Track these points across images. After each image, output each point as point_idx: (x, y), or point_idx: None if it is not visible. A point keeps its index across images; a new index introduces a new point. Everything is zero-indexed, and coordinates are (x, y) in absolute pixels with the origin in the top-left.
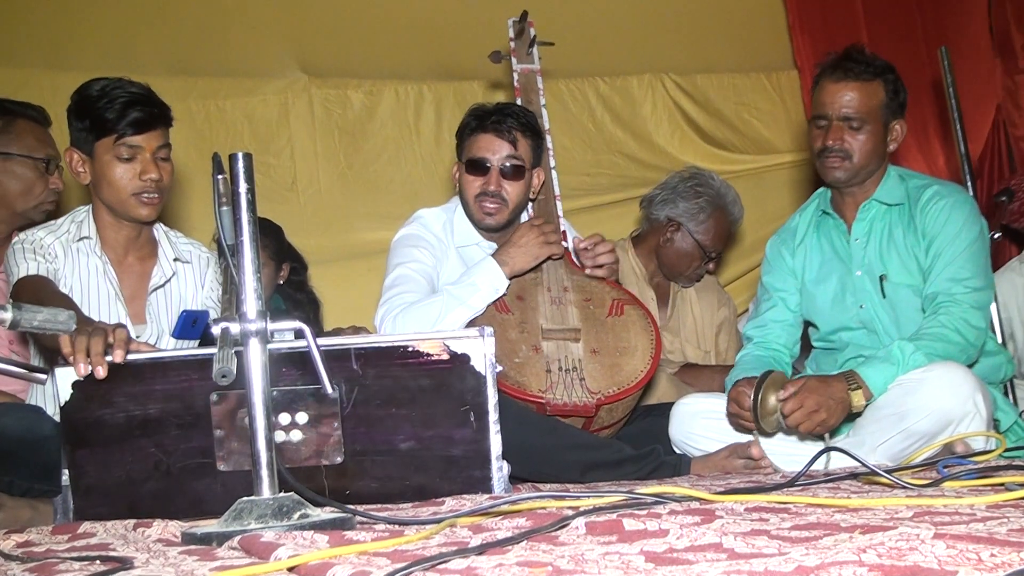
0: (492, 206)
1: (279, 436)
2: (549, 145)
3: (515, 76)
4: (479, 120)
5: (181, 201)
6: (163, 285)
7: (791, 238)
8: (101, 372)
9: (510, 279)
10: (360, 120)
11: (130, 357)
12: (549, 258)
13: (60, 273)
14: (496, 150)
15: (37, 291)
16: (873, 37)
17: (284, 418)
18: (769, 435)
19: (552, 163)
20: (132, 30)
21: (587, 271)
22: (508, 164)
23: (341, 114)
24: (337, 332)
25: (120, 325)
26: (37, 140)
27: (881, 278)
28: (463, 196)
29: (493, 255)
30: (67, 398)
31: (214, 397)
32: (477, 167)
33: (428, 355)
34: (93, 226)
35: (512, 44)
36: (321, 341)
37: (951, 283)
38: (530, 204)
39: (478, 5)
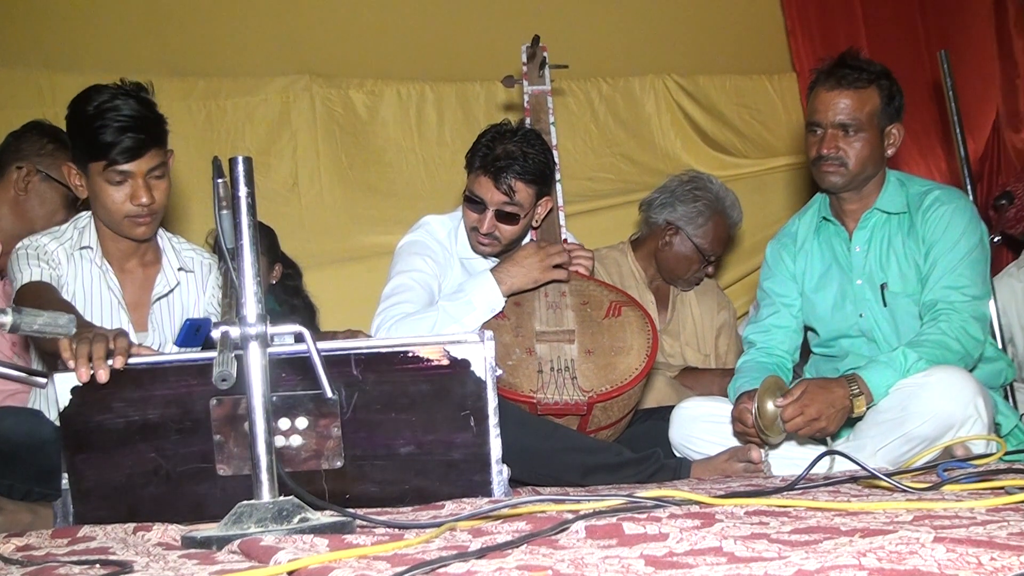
0: (485, 241)
1: (279, 441)
2: (556, 160)
3: (526, 98)
4: (482, 160)
5: (181, 203)
6: (167, 295)
7: (792, 243)
8: (103, 376)
9: (507, 297)
10: (362, 120)
11: (130, 361)
12: (551, 282)
13: (63, 279)
14: (492, 195)
15: (39, 297)
16: (873, 40)
17: (284, 423)
18: (776, 446)
19: (557, 176)
20: (133, 30)
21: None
22: (503, 210)
23: (343, 114)
24: (332, 336)
25: (121, 331)
26: None
27: (882, 287)
28: (464, 222)
29: (492, 270)
30: (66, 404)
31: (214, 402)
32: (473, 205)
33: (428, 360)
34: (94, 235)
35: (524, 68)
36: (321, 345)
37: (950, 291)
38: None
39: (480, 5)
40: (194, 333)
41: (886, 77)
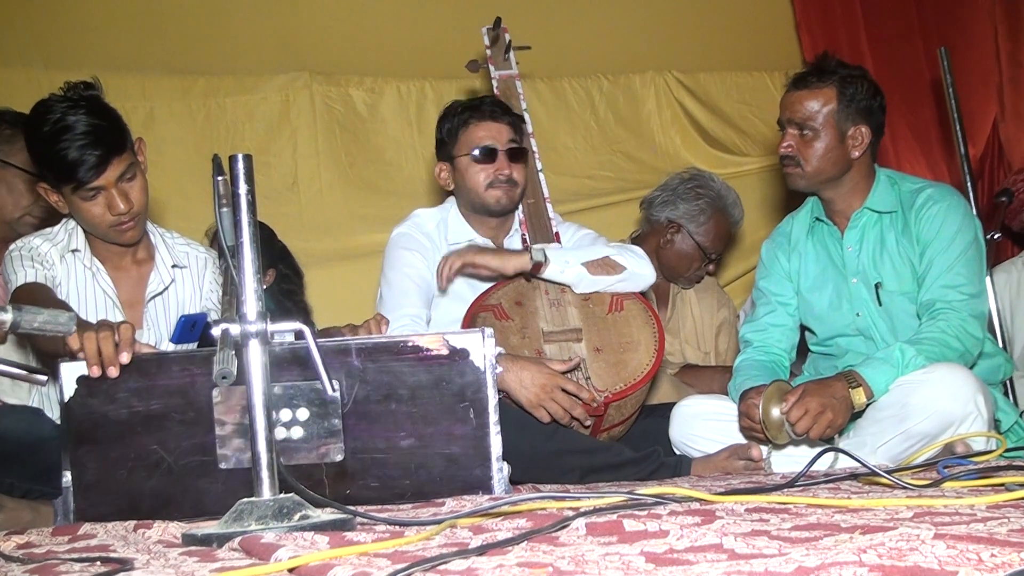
0: (506, 188)
1: (280, 433)
2: (535, 148)
3: (494, 83)
4: (472, 111)
5: (180, 201)
6: (161, 293)
7: (786, 242)
8: (114, 372)
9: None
10: (362, 118)
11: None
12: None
13: (57, 280)
14: (499, 135)
15: (36, 297)
16: (872, 39)
17: (285, 414)
18: (782, 447)
19: (539, 166)
20: (132, 28)
21: None
22: (513, 147)
23: (343, 112)
24: (333, 330)
25: (125, 322)
26: None
27: (877, 286)
28: (470, 189)
29: (500, 361)
30: (71, 393)
31: (216, 393)
32: (486, 155)
33: (427, 350)
34: (82, 237)
35: (488, 52)
36: (321, 339)
37: (947, 290)
38: (520, 208)
39: (480, 1)
40: (189, 329)
41: (852, 78)
